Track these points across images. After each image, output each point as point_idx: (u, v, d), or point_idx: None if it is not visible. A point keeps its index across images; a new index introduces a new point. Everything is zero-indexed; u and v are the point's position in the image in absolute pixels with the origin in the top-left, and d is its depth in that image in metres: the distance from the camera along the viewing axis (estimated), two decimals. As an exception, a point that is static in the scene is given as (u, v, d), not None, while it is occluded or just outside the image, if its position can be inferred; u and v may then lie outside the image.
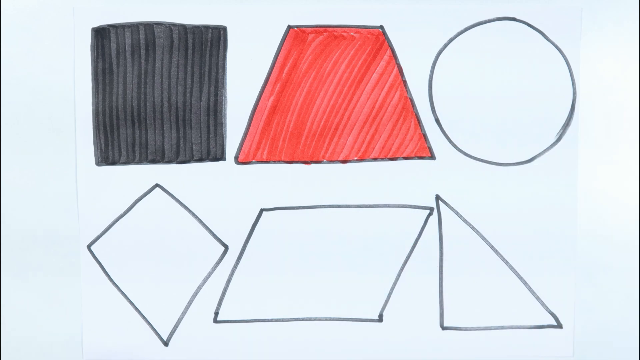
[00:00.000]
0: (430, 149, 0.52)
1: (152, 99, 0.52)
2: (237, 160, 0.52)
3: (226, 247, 0.53)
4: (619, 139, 0.51)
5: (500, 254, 0.52)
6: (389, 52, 0.52)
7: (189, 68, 0.52)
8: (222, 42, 0.51)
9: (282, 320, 0.53)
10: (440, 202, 0.52)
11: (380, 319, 0.53)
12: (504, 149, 0.52)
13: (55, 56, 0.51)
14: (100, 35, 0.51)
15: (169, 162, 0.52)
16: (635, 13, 0.51)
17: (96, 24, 0.51)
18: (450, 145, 0.52)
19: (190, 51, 0.52)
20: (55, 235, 0.52)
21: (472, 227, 0.52)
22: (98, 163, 0.52)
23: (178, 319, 0.53)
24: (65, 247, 0.53)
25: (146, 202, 0.52)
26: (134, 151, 0.52)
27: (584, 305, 0.52)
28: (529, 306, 0.53)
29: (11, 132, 0.52)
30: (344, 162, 0.52)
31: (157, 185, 0.52)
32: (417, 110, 0.52)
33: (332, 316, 0.53)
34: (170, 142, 0.52)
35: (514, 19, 0.51)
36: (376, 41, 0.51)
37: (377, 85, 0.52)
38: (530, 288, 0.52)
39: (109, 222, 0.52)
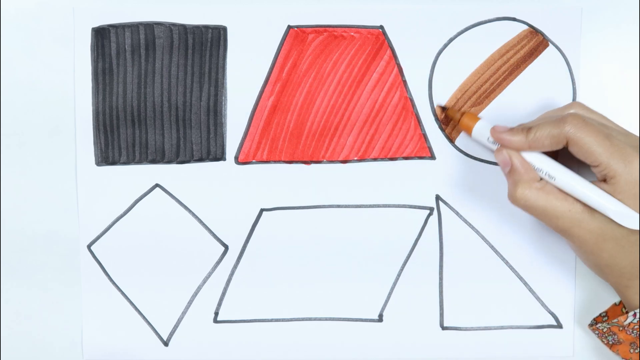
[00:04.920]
0: (430, 149, 0.52)
1: (152, 99, 0.52)
2: (237, 160, 0.52)
3: (226, 247, 0.53)
4: (619, 139, 0.51)
5: (500, 254, 0.52)
6: (389, 52, 0.52)
7: (189, 68, 0.52)
8: (222, 42, 0.52)
9: (282, 320, 0.53)
10: (440, 202, 0.52)
11: (380, 319, 0.53)
12: (504, 149, 0.52)
13: (55, 56, 0.51)
14: (100, 35, 0.51)
15: (169, 162, 0.52)
16: (635, 14, 0.51)
17: (96, 24, 0.51)
18: (450, 145, 0.52)
19: (190, 51, 0.52)
20: (55, 235, 0.52)
21: (472, 227, 0.52)
22: (98, 163, 0.52)
23: (178, 319, 0.53)
24: (65, 247, 0.53)
25: (146, 202, 0.52)
26: (134, 151, 0.52)
27: (584, 305, 0.52)
28: (529, 306, 0.53)
29: (11, 132, 0.52)
30: (344, 162, 0.52)
31: (157, 185, 0.52)
32: (417, 110, 0.52)
33: (332, 316, 0.53)
34: (170, 142, 0.52)
35: (514, 19, 0.51)
36: (376, 41, 0.51)
37: (377, 85, 0.52)
38: (530, 288, 0.52)
39: (109, 222, 0.52)
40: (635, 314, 0.45)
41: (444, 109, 0.51)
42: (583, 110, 0.46)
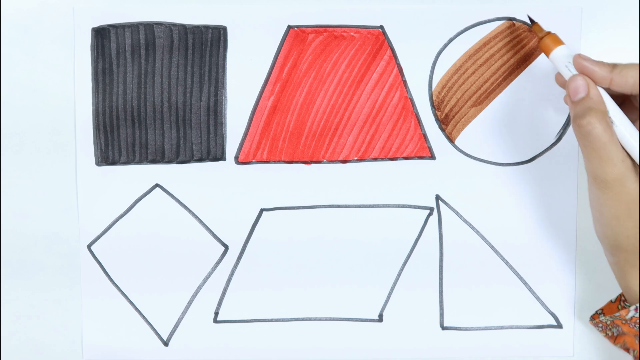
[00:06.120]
0: (430, 149, 0.52)
1: (152, 99, 0.52)
2: (237, 160, 0.52)
3: (226, 247, 0.53)
4: (619, 139, 0.51)
5: (500, 254, 0.52)
6: (389, 52, 0.52)
7: (189, 68, 0.52)
8: (222, 42, 0.52)
9: (282, 320, 0.53)
10: (440, 202, 0.52)
11: (380, 319, 0.53)
12: (504, 149, 0.52)
13: (55, 56, 0.51)
14: (100, 35, 0.51)
15: (169, 162, 0.52)
16: (635, 14, 0.51)
17: (96, 24, 0.51)
18: (450, 145, 0.52)
19: (190, 51, 0.52)
20: (55, 235, 0.52)
21: (472, 227, 0.52)
22: (98, 163, 0.52)
23: (178, 319, 0.53)
24: (65, 247, 0.53)
25: (146, 202, 0.52)
26: (134, 151, 0.52)
27: (584, 305, 0.52)
28: (529, 306, 0.53)
29: (11, 132, 0.52)
30: (344, 162, 0.52)
31: (157, 185, 0.52)
32: (417, 110, 0.52)
33: (332, 316, 0.53)
34: (170, 142, 0.52)
35: (514, 19, 0.51)
36: (376, 41, 0.51)
37: (377, 85, 0.52)
38: (530, 288, 0.52)
39: (109, 222, 0.52)
40: (636, 309, 0.45)
41: (532, 22, 0.48)
42: None
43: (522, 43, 0.51)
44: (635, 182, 0.43)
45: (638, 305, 0.45)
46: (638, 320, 0.46)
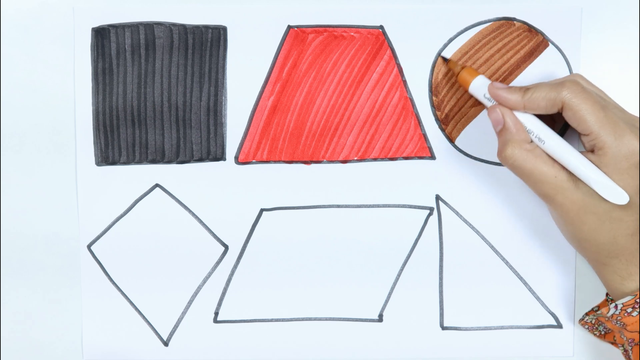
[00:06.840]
0: (430, 149, 0.52)
1: (152, 99, 0.52)
2: (237, 160, 0.52)
3: (226, 247, 0.53)
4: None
5: (500, 254, 0.52)
6: (389, 52, 0.52)
7: (189, 68, 0.52)
8: (222, 42, 0.52)
9: (282, 320, 0.53)
10: (440, 202, 0.52)
11: (380, 319, 0.53)
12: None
13: (55, 56, 0.51)
14: (100, 35, 0.51)
15: (169, 162, 0.52)
16: (635, 13, 0.51)
17: (96, 24, 0.51)
18: (450, 145, 0.52)
19: (190, 51, 0.52)
20: (55, 235, 0.52)
21: (472, 227, 0.52)
22: (98, 163, 0.52)
23: (178, 319, 0.53)
24: (65, 247, 0.53)
25: (146, 202, 0.52)
26: (134, 151, 0.52)
27: (584, 305, 0.52)
28: (529, 306, 0.53)
29: (11, 132, 0.52)
30: (344, 162, 0.52)
31: (157, 185, 0.52)
32: (417, 110, 0.52)
33: (332, 316, 0.53)
34: (170, 142, 0.52)
35: (514, 19, 0.51)
36: (376, 41, 0.51)
37: (377, 85, 0.52)
38: (530, 288, 0.52)
39: (109, 222, 0.52)
40: (616, 306, 0.45)
41: (445, 60, 0.50)
42: (583, 80, 0.46)
43: (522, 43, 0.51)
44: (577, 191, 0.44)
45: (617, 303, 0.45)
46: (619, 318, 0.46)
